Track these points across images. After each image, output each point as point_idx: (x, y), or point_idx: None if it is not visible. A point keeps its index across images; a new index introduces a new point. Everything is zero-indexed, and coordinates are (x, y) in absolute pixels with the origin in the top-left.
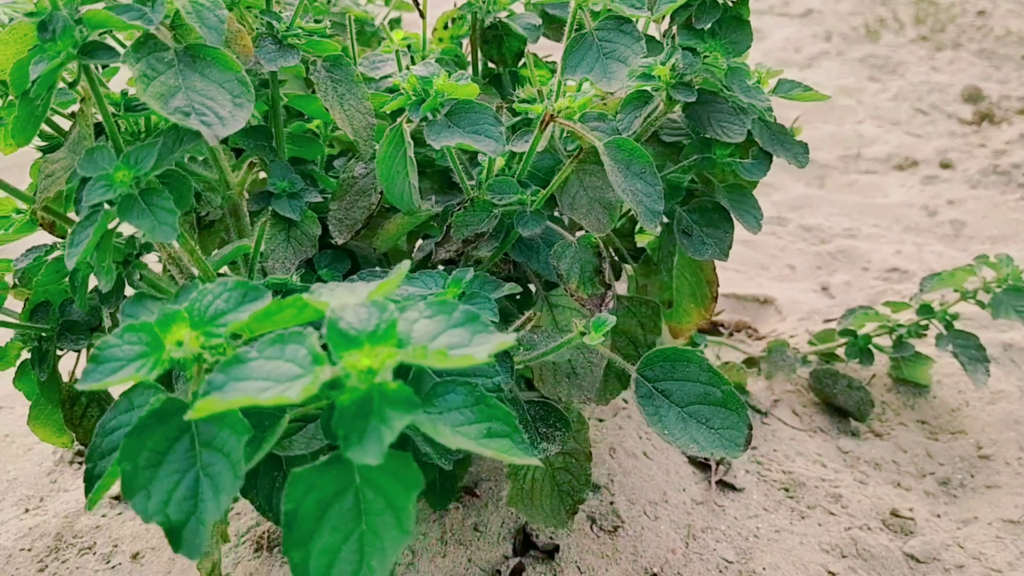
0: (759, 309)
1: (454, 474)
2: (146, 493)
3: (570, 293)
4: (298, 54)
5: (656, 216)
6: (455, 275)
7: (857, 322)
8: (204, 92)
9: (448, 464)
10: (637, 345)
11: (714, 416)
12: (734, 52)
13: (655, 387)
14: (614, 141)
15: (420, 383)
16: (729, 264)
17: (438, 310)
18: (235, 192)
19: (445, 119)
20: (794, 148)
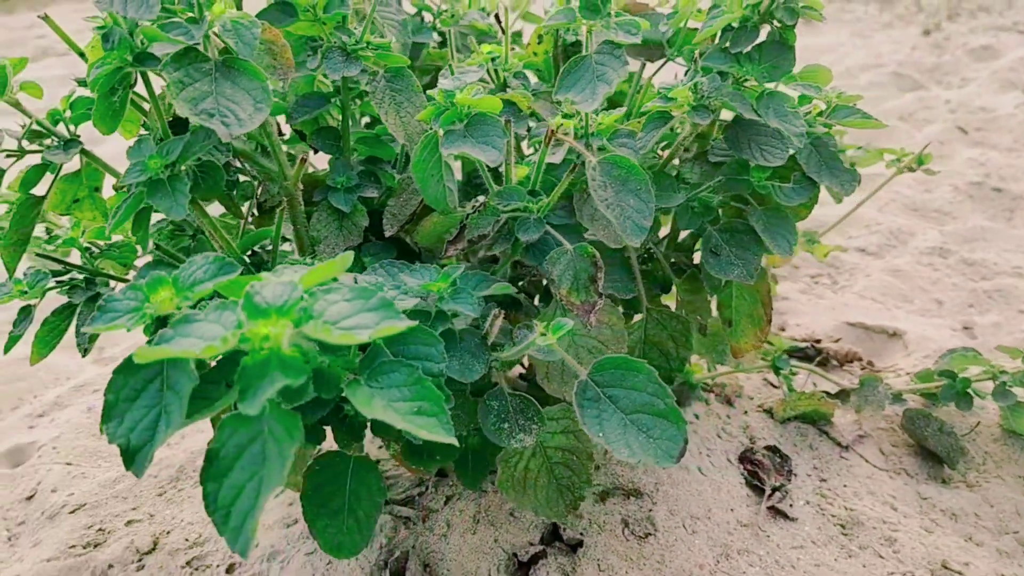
0: (885, 342)
1: (485, 454)
2: (119, 420)
3: (561, 298)
4: (359, 65)
5: (642, 232)
6: (446, 270)
7: (958, 363)
8: (231, 97)
9: (416, 439)
10: (669, 359)
11: (655, 426)
12: (774, 77)
13: (603, 391)
14: (610, 158)
15: (372, 360)
16: (868, 293)
17: (358, 295)
18: (291, 183)
19: (464, 129)
20: (842, 175)
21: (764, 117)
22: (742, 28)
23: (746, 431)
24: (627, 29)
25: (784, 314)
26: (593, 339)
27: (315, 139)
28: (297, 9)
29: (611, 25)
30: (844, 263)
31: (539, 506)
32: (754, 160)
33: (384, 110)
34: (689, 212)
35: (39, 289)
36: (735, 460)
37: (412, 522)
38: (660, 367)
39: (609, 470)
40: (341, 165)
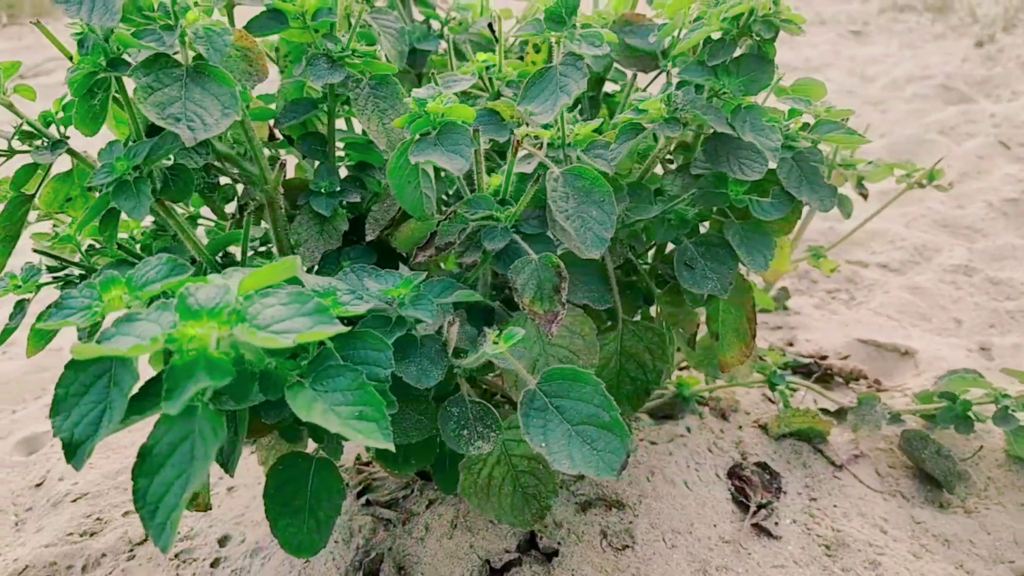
0: (897, 361)
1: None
2: (66, 414)
3: (524, 307)
4: (344, 72)
5: (603, 243)
6: (407, 276)
7: (958, 385)
8: (200, 102)
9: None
10: (646, 370)
11: (600, 438)
12: (751, 90)
13: (551, 401)
14: (574, 169)
15: (320, 364)
16: (884, 310)
17: (294, 299)
18: (271, 187)
19: (435, 137)
20: (821, 191)
21: (739, 131)
22: (720, 41)
23: (738, 446)
24: (591, 41)
25: (795, 329)
26: (564, 349)
27: (301, 144)
28: (288, 16)
29: (575, 37)
30: (864, 279)
31: (503, 514)
32: (732, 173)
33: (367, 116)
34: (665, 224)
35: (32, 284)
36: (724, 475)
37: (392, 524)
38: (637, 379)
39: (593, 480)
40: (325, 170)
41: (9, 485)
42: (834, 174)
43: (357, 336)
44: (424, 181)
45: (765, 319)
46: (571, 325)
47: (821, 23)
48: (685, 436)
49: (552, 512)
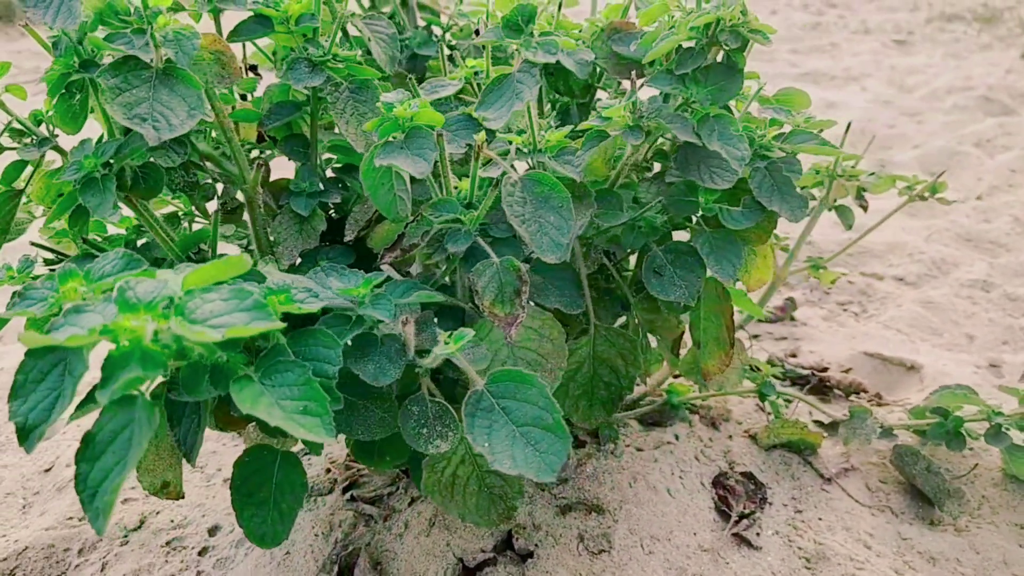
0: (901, 376)
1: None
2: (23, 400)
3: (484, 309)
4: (324, 76)
5: (558, 248)
6: (368, 276)
7: (952, 401)
8: (167, 103)
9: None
10: (619, 376)
11: (543, 439)
12: (719, 99)
13: (498, 402)
14: (533, 175)
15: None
16: (894, 323)
17: (234, 295)
18: (250, 187)
19: (403, 141)
20: (792, 201)
21: (704, 140)
22: (688, 50)
23: (726, 456)
24: (547, 48)
25: (800, 340)
26: (533, 352)
27: (284, 145)
28: (273, 21)
29: (532, 45)
30: (877, 292)
31: (467, 513)
32: (701, 182)
33: (344, 120)
34: (635, 231)
35: (26, 276)
36: (709, 484)
37: (374, 520)
38: (611, 384)
39: (577, 484)
40: (306, 171)
41: (20, 469)
42: (835, 184)
43: (310, 333)
44: (398, 183)
45: (769, 329)
46: (540, 329)
47: (865, 32)
48: (672, 444)
49: (532, 515)
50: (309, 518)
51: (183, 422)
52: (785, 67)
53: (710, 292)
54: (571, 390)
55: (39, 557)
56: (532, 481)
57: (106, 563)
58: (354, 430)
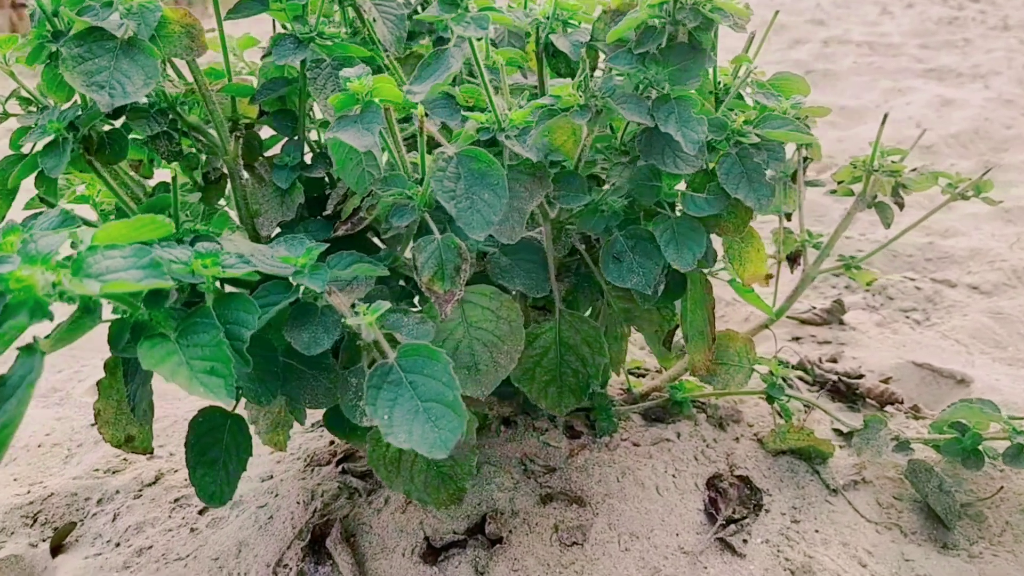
0: (950, 389)
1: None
2: None
3: (422, 286)
4: (307, 52)
5: (488, 226)
6: (311, 246)
7: (971, 415)
8: (126, 72)
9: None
10: (585, 364)
11: (443, 416)
12: (681, 80)
13: (406, 376)
14: (470, 151)
15: (189, 319)
16: (954, 333)
17: (134, 254)
18: (231, 158)
19: (358, 116)
20: (760, 190)
21: (658, 122)
22: (650, 28)
23: (728, 458)
24: (479, 24)
25: (844, 345)
26: (490, 333)
27: (273, 120)
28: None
29: (464, 20)
30: (945, 299)
31: (414, 490)
32: (664, 167)
33: (324, 96)
34: (597, 214)
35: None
36: (703, 486)
37: (359, 493)
38: (578, 372)
39: (565, 474)
40: (292, 146)
41: (71, 422)
42: (873, 179)
43: (233, 298)
44: (367, 158)
45: (813, 331)
46: (498, 310)
47: (1004, 28)
48: (672, 441)
49: (513, 501)
50: (298, 486)
51: (134, 379)
52: (910, 62)
53: (695, 284)
54: (538, 375)
55: (62, 504)
56: (520, 468)
57: (117, 514)
58: (301, 399)
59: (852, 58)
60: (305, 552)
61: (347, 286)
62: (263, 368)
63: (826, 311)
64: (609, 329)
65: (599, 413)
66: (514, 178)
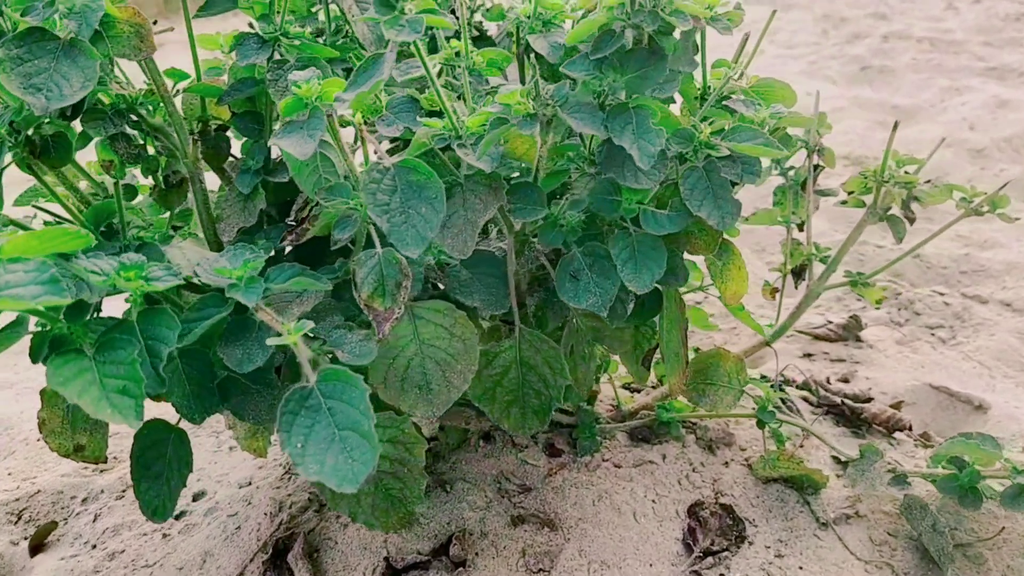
0: (967, 415)
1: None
2: None
3: (361, 302)
4: (269, 52)
5: (424, 242)
6: (250, 257)
7: (969, 451)
8: (66, 75)
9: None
10: (547, 385)
11: (358, 447)
12: (640, 87)
13: (325, 402)
14: (408, 162)
15: (108, 334)
16: (978, 354)
17: (37, 268)
18: (190, 161)
19: (304, 122)
20: (725, 207)
21: (614, 133)
22: (607, 32)
23: (715, 484)
24: (413, 27)
25: (859, 364)
26: (443, 351)
27: (239, 122)
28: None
29: (399, 23)
30: (974, 316)
31: (361, 513)
32: (623, 180)
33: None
34: (555, 229)
35: None
36: (683, 513)
37: (328, 508)
38: (540, 393)
39: (540, 495)
40: (256, 149)
41: None
42: (883, 191)
43: (156, 312)
44: (324, 164)
45: (827, 348)
46: (452, 328)
47: None
48: (656, 464)
49: (483, 521)
50: (270, 495)
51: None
52: (970, 60)
53: (671, 302)
54: (499, 395)
55: (47, 501)
56: (495, 486)
57: (99, 514)
58: (245, 414)
59: (911, 54)
60: (266, 566)
61: (297, 298)
62: (199, 383)
63: (841, 326)
64: (576, 348)
65: (581, 431)
66: (470, 188)
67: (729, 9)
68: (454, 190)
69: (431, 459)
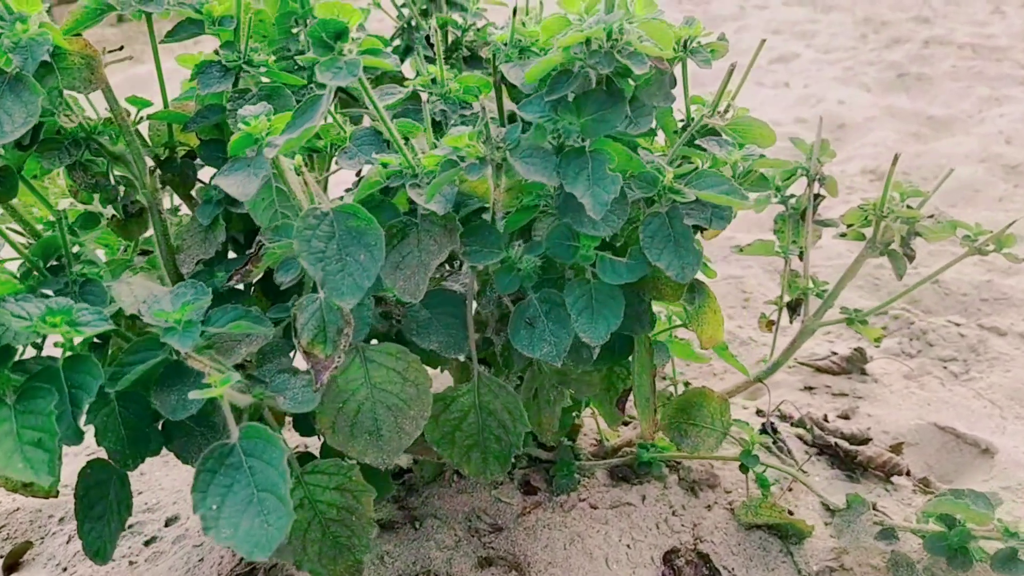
0: (973, 458)
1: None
2: None
3: (300, 347)
4: (231, 81)
5: (360, 291)
6: (190, 299)
7: (959, 509)
8: (8, 109)
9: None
10: (507, 431)
11: (275, 511)
12: (597, 131)
13: (247, 460)
14: (347, 207)
15: (32, 381)
16: (990, 392)
17: None
18: (149, 191)
19: (251, 160)
20: (685, 257)
21: (566, 179)
22: (563, 72)
23: (695, 529)
24: (351, 70)
25: (861, 399)
26: (395, 396)
27: (203, 149)
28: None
29: (335, 66)
30: (990, 349)
31: (307, 560)
32: (579, 226)
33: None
34: (512, 273)
35: None
36: (659, 560)
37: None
38: (500, 439)
39: (511, 535)
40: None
41: None
42: (883, 225)
43: (81, 360)
44: (280, 199)
45: (829, 382)
46: (405, 372)
47: None
48: (634, 506)
49: (450, 562)
50: None
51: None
52: (1012, 68)
53: (641, 347)
54: (458, 439)
55: (26, 520)
56: (465, 524)
57: (72, 535)
58: (188, 457)
59: (951, 61)
60: None
61: (247, 337)
62: (135, 428)
63: (845, 359)
64: (541, 392)
65: (559, 468)
66: (425, 229)
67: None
68: (409, 230)
69: (404, 492)
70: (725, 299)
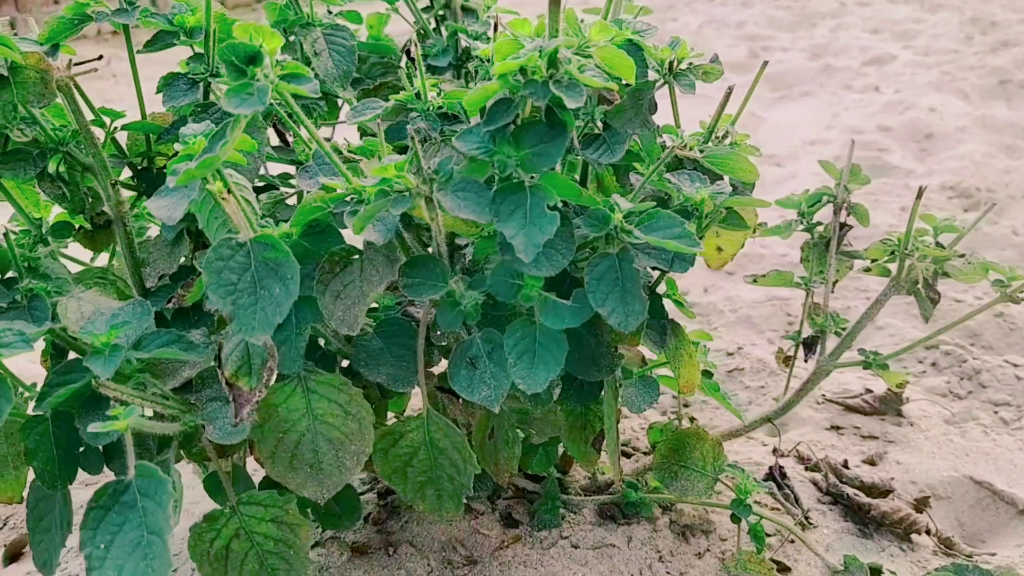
0: (1009, 519)
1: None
2: None
3: (223, 379)
4: (197, 93)
5: (271, 327)
6: (117, 323)
7: None
8: None
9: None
10: (459, 471)
11: (159, 556)
12: (537, 165)
13: (141, 500)
14: (264, 237)
15: None
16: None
17: None
18: (114, 203)
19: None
20: (631, 305)
21: (499, 218)
22: (502, 101)
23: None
24: (260, 98)
25: (892, 443)
26: (336, 429)
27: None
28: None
29: (244, 93)
30: None
31: None
32: (520, 265)
33: None
34: (454, 309)
35: None
36: None
37: None
38: (452, 479)
39: (485, 570)
40: None
41: None
42: (907, 264)
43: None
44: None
45: (859, 423)
46: (347, 405)
47: None
48: (618, 548)
49: None
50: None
51: None
52: None
53: (609, 390)
54: (411, 475)
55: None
56: (440, 555)
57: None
58: None
59: None
60: None
61: (187, 362)
62: (67, 448)
63: (879, 398)
64: (498, 432)
65: (543, 502)
66: (368, 258)
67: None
68: (352, 259)
69: (386, 513)
70: (769, 322)
